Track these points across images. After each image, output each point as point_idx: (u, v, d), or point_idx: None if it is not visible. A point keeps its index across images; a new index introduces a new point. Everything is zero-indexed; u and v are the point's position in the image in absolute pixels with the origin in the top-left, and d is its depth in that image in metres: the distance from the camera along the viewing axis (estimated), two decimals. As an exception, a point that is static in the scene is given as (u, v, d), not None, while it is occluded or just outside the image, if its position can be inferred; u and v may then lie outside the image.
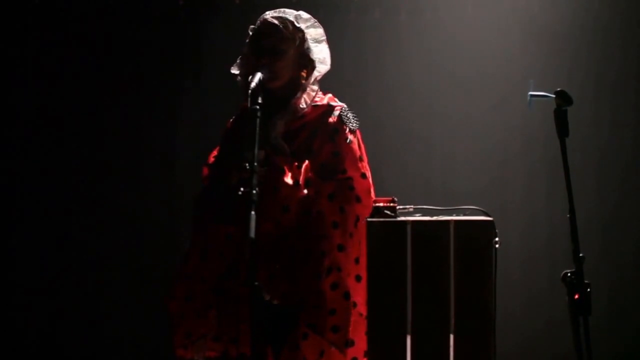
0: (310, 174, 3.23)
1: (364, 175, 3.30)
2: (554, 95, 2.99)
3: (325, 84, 3.43)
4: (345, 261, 3.21)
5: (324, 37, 3.38)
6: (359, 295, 3.22)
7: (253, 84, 3.08)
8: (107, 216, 5.06)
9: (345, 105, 3.38)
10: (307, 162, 3.23)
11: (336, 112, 3.34)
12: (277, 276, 3.18)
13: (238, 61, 3.39)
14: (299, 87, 3.33)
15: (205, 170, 3.43)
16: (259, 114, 2.99)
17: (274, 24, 3.30)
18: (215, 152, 3.45)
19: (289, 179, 3.19)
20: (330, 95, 3.41)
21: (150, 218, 5.05)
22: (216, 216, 3.25)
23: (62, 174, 5.06)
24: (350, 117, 3.35)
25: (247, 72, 3.30)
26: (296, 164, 3.22)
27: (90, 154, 5.09)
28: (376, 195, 3.27)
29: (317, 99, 3.35)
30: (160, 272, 4.78)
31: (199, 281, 3.29)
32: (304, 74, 3.34)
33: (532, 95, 3.07)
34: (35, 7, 5.09)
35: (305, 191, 3.20)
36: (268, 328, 3.16)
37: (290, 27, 3.31)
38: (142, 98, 5.09)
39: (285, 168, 3.20)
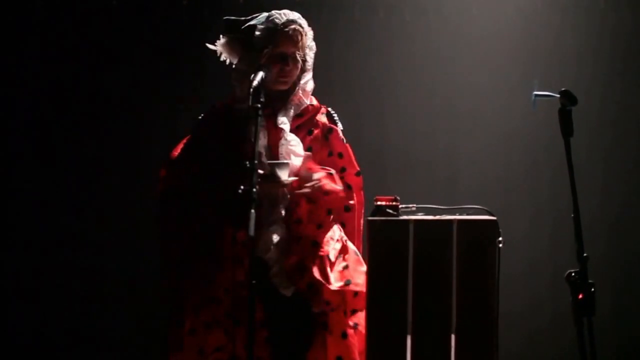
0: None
1: (358, 173, 3.43)
2: (558, 95, 2.98)
3: (329, 83, 3.44)
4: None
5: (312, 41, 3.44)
6: None
7: (255, 82, 3.08)
8: (108, 216, 5.05)
9: (329, 107, 3.48)
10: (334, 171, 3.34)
11: (324, 112, 3.45)
12: (301, 268, 3.23)
13: (241, 53, 3.37)
14: (294, 87, 3.37)
15: (164, 171, 3.40)
16: (260, 112, 3.00)
17: (299, 31, 3.34)
18: (176, 152, 3.42)
19: (339, 185, 3.31)
20: (313, 97, 3.46)
21: (150, 217, 5.04)
22: (235, 223, 3.23)
23: (63, 173, 5.06)
24: (337, 117, 3.45)
25: (259, 67, 3.28)
26: (331, 170, 3.32)
27: (93, 153, 5.08)
28: (378, 194, 3.28)
29: (307, 100, 3.40)
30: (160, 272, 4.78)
31: (218, 291, 3.27)
32: (303, 76, 3.38)
33: (536, 95, 3.06)
34: (40, 6, 5.09)
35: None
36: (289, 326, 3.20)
37: (307, 36, 3.36)
38: (145, 98, 5.09)
39: (331, 174, 3.31)
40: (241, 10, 5.00)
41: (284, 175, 3.20)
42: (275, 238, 3.22)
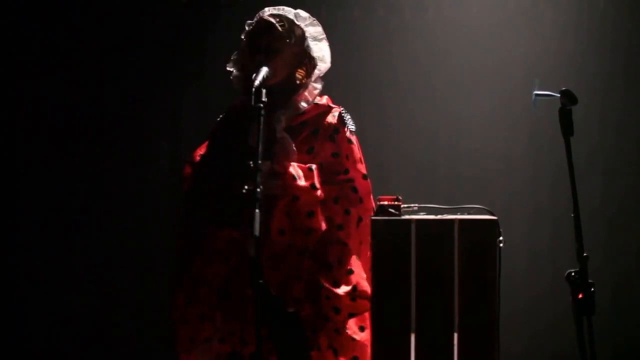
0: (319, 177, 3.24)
1: (365, 177, 3.33)
2: (559, 95, 2.99)
3: (329, 81, 3.43)
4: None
5: (324, 35, 3.38)
6: None
7: (257, 82, 3.06)
8: (109, 215, 5.05)
9: (343, 108, 3.40)
10: (315, 165, 3.23)
11: (336, 113, 3.36)
12: (293, 280, 3.20)
13: (234, 57, 3.39)
14: (298, 85, 3.34)
15: (188, 169, 3.41)
16: (262, 112, 2.97)
17: (269, 21, 3.30)
18: (200, 151, 3.43)
19: (303, 182, 3.20)
20: (327, 96, 3.43)
21: (152, 217, 5.05)
22: (219, 220, 3.24)
23: (64, 172, 5.06)
24: (349, 118, 3.37)
25: (242, 68, 3.31)
26: (307, 166, 3.22)
27: (93, 152, 5.08)
28: (380, 194, 3.28)
29: (310, 99, 3.36)
30: (163, 272, 4.79)
31: (202, 285, 3.28)
32: (301, 72, 3.35)
33: (537, 94, 3.07)
34: (39, 4, 5.08)
35: (319, 192, 3.22)
36: (277, 329, 3.18)
37: (287, 25, 3.31)
38: (146, 97, 5.09)
39: (297, 174, 3.20)
40: (241, 9, 5.02)
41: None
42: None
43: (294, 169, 3.20)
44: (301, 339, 3.22)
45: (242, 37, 3.38)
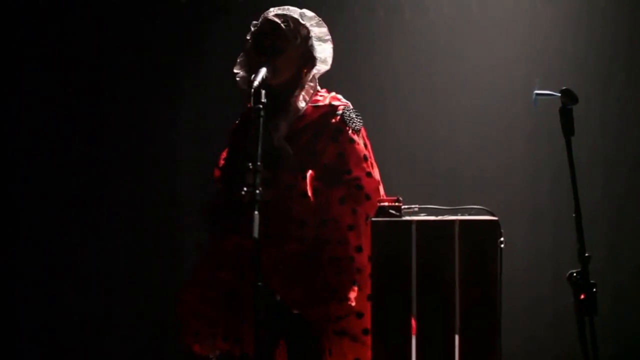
0: (316, 183, 3.22)
1: (369, 174, 3.29)
2: (559, 94, 2.98)
3: (329, 81, 3.42)
4: (364, 261, 3.23)
5: (329, 37, 3.36)
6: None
7: (256, 82, 3.04)
8: (108, 217, 5.05)
9: (349, 104, 3.36)
10: (310, 172, 3.22)
11: (339, 112, 3.32)
12: (293, 283, 3.19)
13: (240, 58, 3.38)
14: (297, 86, 3.32)
15: (217, 172, 3.42)
16: (262, 113, 2.95)
17: (274, 22, 3.28)
18: (224, 154, 3.45)
19: (297, 193, 3.19)
20: (333, 94, 3.39)
21: (152, 218, 5.05)
22: (228, 227, 3.24)
23: (63, 174, 5.06)
24: (354, 116, 3.33)
25: (249, 70, 3.30)
26: (300, 175, 3.20)
27: (92, 154, 5.08)
28: (385, 193, 3.28)
29: (319, 97, 3.33)
30: (163, 272, 4.79)
31: (209, 287, 3.28)
32: (305, 72, 3.33)
33: (537, 94, 3.06)
34: (39, 5, 5.08)
35: (311, 200, 3.20)
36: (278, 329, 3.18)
37: (292, 25, 3.29)
38: (144, 98, 5.08)
39: (289, 182, 3.19)
40: (241, 9, 5.02)
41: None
42: None
43: (287, 177, 3.19)
44: (312, 342, 3.22)
45: (248, 37, 3.36)
